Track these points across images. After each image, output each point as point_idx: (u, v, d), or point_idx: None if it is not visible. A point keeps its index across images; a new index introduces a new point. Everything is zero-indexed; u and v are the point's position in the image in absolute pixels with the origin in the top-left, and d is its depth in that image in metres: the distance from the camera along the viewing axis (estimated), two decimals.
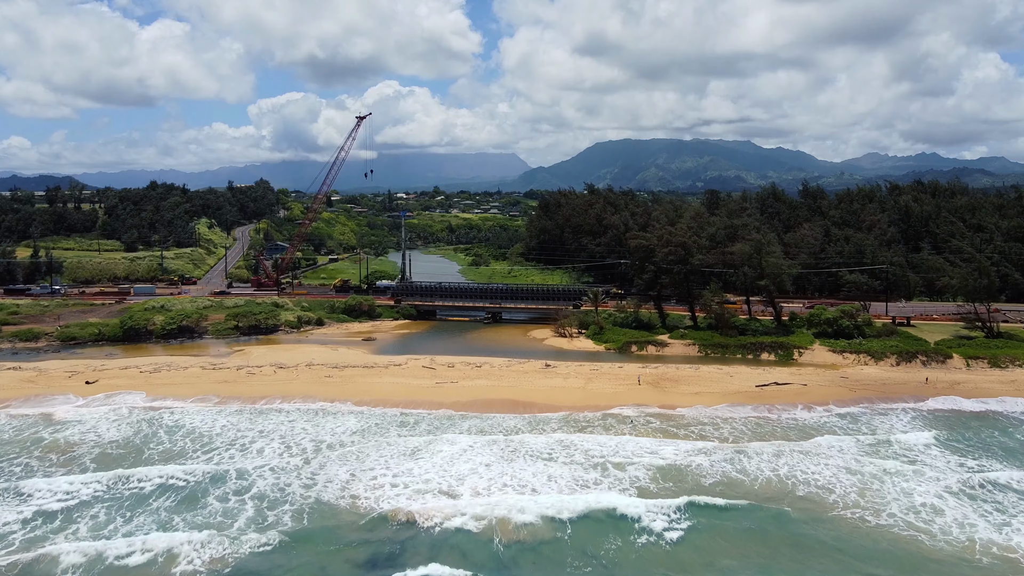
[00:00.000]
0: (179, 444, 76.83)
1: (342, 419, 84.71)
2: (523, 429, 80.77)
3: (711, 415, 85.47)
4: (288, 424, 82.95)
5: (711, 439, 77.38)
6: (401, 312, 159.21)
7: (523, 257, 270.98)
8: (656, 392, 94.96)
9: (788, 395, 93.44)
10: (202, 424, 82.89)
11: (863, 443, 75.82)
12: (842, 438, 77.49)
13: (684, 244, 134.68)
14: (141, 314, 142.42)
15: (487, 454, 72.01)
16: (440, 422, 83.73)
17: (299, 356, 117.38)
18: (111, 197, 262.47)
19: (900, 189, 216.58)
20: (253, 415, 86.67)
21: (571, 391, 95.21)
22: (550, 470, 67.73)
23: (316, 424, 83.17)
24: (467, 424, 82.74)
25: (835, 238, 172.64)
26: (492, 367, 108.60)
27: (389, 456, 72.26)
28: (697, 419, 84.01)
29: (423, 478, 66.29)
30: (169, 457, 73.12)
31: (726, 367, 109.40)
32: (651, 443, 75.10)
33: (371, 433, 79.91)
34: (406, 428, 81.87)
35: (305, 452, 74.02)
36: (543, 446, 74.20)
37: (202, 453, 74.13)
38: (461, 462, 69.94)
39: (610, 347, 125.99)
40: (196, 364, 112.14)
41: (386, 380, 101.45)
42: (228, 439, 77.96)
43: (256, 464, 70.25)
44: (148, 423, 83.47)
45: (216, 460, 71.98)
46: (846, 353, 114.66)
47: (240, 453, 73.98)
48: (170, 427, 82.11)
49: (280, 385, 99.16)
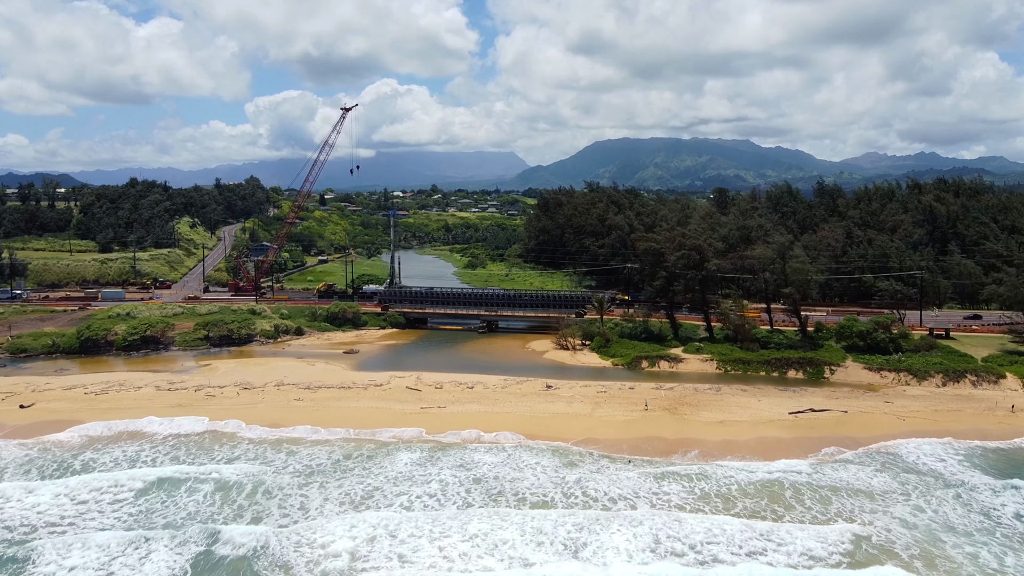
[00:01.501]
0: (47, 515, 59.36)
1: (301, 454, 71.87)
2: (520, 470, 67.95)
3: (747, 472, 66.47)
4: (230, 465, 69.75)
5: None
6: (388, 320, 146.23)
7: (521, 258, 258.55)
8: (673, 421, 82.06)
9: (828, 425, 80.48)
10: (119, 475, 66.78)
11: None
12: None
13: (698, 247, 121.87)
14: (101, 323, 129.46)
15: (473, 524, 59.04)
16: (416, 467, 70.78)
17: (269, 373, 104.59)
18: (87, 195, 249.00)
19: (921, 187, 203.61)
20: (197, 452, 73.59)
21: (576, 420, 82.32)
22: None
23: (267, 462, 70.27)
24: (449, 464, 69.84)
25: (857, 240, 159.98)
26: (486, 388, 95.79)
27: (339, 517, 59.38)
28: (731, 478, 64.99)
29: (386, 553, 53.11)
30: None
31: (750, 388, 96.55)
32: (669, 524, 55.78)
33: (329, 475, 67.01)
34: (367, 470, 68.94)
35: (234, 503, 61.33)
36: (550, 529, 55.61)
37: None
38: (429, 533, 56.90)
39: (618, 362, 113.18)
40: (152, 383, 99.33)
41: (363, 404, 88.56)
42: (139, 496, 64.19)
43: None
44: (57, 466, 69.78)
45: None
46: (884, 371, 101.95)
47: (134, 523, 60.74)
48: (76, 475, 67.30)
49: (241, 410, 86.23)
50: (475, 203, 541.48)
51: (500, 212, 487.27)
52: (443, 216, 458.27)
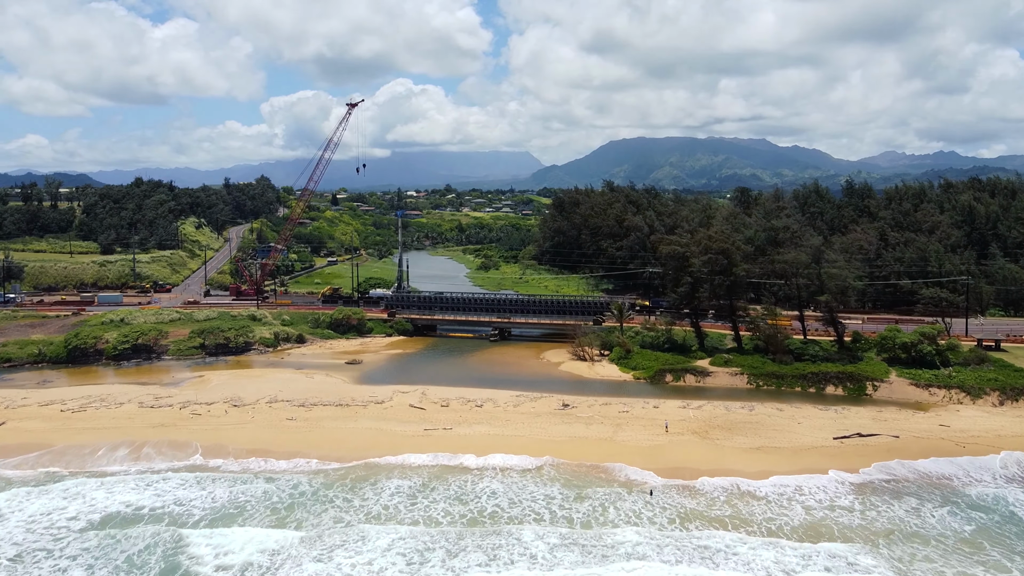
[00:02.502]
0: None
1: (284, 484, 64.04)
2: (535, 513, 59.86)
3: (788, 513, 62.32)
4: (202, 500, 62.08)
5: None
6: (395, 327, 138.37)
7: (536, 260, 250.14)
8: (703, 447, 73.65)
9: (878, 452, 71.76)
10: (63, 525, 58.21)
11: None
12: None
13: (726, 251, 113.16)
14: (91, 331, 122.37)
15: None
16: (406, 499, 62.82)
17: (264, 387, 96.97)
18: (91, 195, 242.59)
19: (955, 187, 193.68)
20: (166, 488, 65.47)
21: (595, 445, 74.12)
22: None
23: (237, 505, 62.47)
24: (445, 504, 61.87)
25: (893, 242, 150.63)
26: (496, 406, 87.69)
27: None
28: (772, 521, 57.18)
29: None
30: None
31: (786, 406, 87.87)
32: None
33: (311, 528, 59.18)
34: (358, 513, 61.00)
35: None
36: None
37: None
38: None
39: (640, 375, 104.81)
40: (137, 398, 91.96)
41: (362, 425, 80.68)
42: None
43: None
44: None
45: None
46: (933, 388, 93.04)
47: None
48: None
49: (228, 431, 78.68)
50: (489, 203, 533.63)
51: (514, 212, 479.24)
52: (456, 216, 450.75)
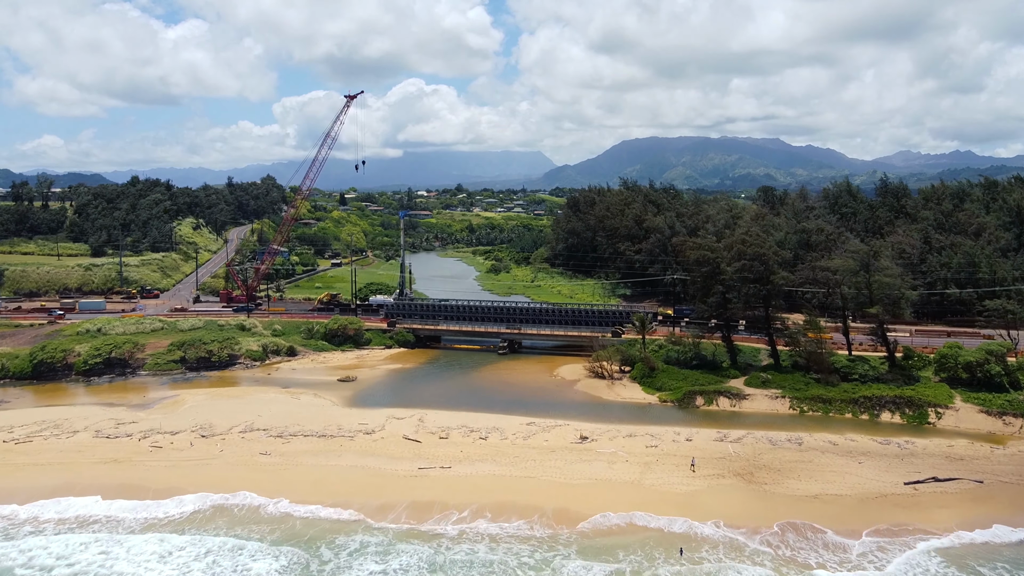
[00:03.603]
0: None
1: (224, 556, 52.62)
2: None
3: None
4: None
5: None
6: (395, 338, 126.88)
7: (548, 263, 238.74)
8: (749, 494, 61.69)
9: (962, 502, 59.63)
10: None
11: None
12: None
13: (762, 256, 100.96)
14: (60, 343, 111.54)
15: None
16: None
17: (242, 411, 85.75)
18: (83, 194, 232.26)
19: (999, 185, 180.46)
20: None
21: (620, 490, 62.31)
22: None
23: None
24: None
25: (937, 246, 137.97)
26: (504, 437, 76.03)
27: None
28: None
29: None
30: None
31: (839, 438, 75.78)
32: None
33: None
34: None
35: None
36: None
37: None
38: None
39: (666, 398, 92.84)
40: (95, 424, 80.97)
41: (346, 463, 69.13)
42: None
43: None
44: None
45: None
46: (1008, 416, 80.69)
47: None
48: None
49: (186, 470, 67.35)
50: (500, 203, 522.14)
51: (526, 212, 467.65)
52: (467, 216, 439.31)
